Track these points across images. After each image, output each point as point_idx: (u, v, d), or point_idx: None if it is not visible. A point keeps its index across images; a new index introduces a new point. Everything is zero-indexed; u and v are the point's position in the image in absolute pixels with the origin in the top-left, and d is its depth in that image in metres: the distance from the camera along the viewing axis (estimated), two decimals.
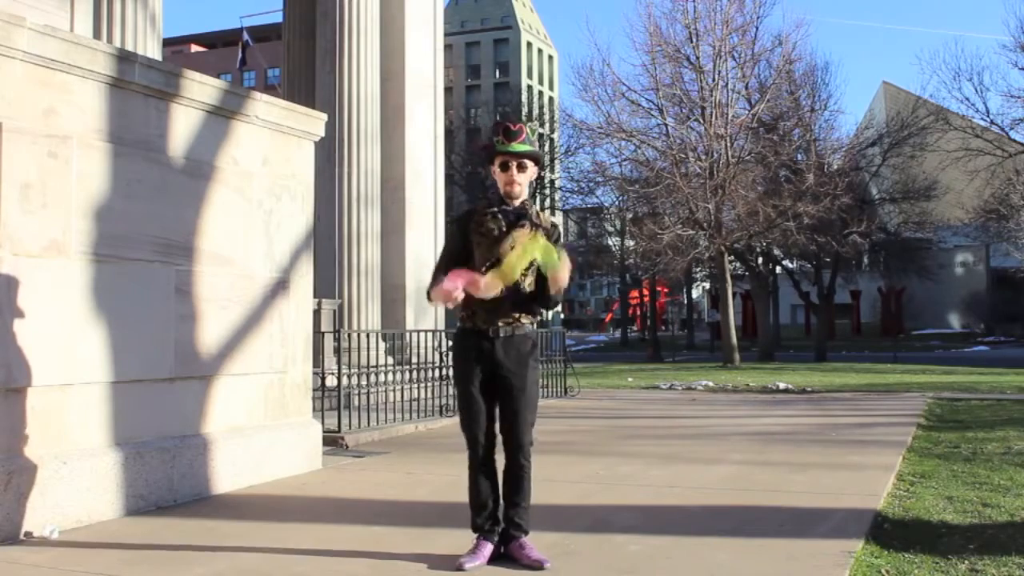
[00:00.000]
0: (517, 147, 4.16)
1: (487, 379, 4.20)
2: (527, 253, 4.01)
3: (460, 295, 4.01)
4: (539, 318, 4.47)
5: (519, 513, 4.22)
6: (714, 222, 27.33)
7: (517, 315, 4.20)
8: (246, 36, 39.88)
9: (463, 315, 4.24)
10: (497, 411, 4.25)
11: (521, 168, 4.18)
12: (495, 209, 4.20)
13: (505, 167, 4.17)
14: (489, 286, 4.02)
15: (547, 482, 5.73)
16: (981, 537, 4.74)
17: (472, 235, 4.20)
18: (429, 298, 4.20)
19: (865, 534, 4.76)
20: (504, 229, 4.15)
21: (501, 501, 4.25)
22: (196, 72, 6.11)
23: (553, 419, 10.39)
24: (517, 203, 4.20)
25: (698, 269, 41.62)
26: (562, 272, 4.02)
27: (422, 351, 10.53)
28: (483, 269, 4.10)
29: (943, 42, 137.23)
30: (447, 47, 25.76)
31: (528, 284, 4.19)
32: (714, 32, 28.37)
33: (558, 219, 55.86)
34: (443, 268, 4.21)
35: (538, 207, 4.36)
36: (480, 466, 4.22)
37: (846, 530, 4.85)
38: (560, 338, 14.83)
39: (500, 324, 4.17)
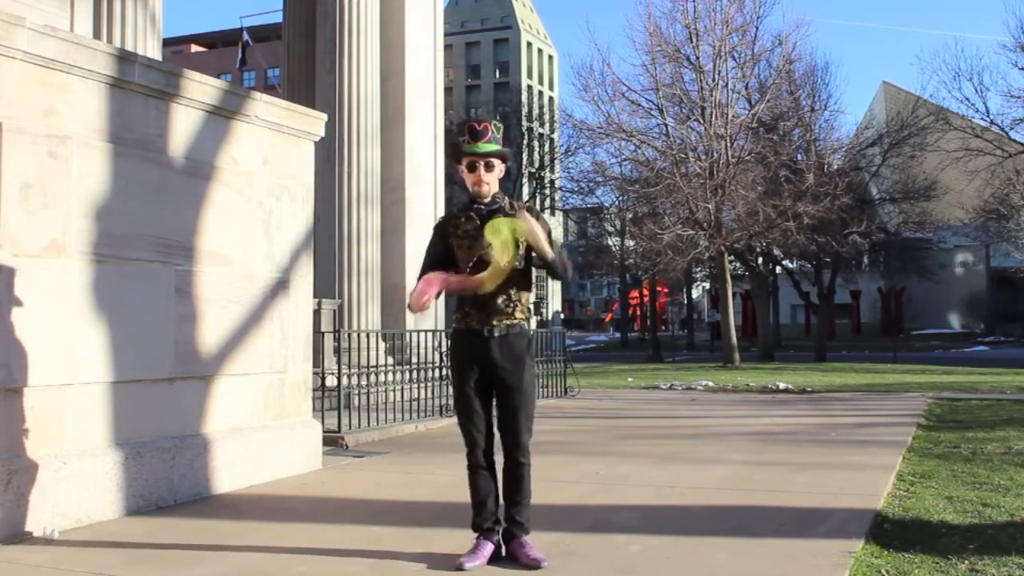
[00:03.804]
0: (483, 147, 4.20)
1: (484, 378, 4.21)
2: (500, 238, 4.00)
3: (430, 303, 4.02)
4: (539, 317, 4.47)
5: (520, 511, 4.22)
6: (714, 222, 27.32)
7: (511, 311, 4.20)
8: (246, 36, 39.87)
9: (457, 316, 4.27)
10: (495, 410, 4.26)
11: (488, 167, 4.23)
12: (469, 211, 4.25)
13: (472, 167, 4.22)
14: (486, 282, 4.04)
15: (547, 482, 5.73)
16: (981, 537, 4.74)
17: (452, 239, 4.24)
18: (411, 308, 4.16)
19: (865, 534, 4.76)
20: (479, 226, 4.18)
21: (502, 500, 4.26)
22: (196, 72, 6.11)
23: (553, 419, 10.39)
24: (488, 200, 4.24)
25: (698, 269, 41.60)
26: (537, 236, 4.03)
27: (422, 351, 10.53)
28: (468, 270, 4.15)
29: (943, 42, 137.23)
30: (447, 47, 25.74)
31: (512, 268, 4.15)
32: (714, 32, 28.36)
33: (558, 218, 55.93)
34: (424, 273, 4.24)
35: (510, 199, 4.34)
36: (479, 466, 4.23)
37: (846, 530, 4.85)
38: (560, 338, 14.82)
39: (495, 323, 4.18)
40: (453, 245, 4.24)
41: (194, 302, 5.94)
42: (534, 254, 4.18)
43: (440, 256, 4.26)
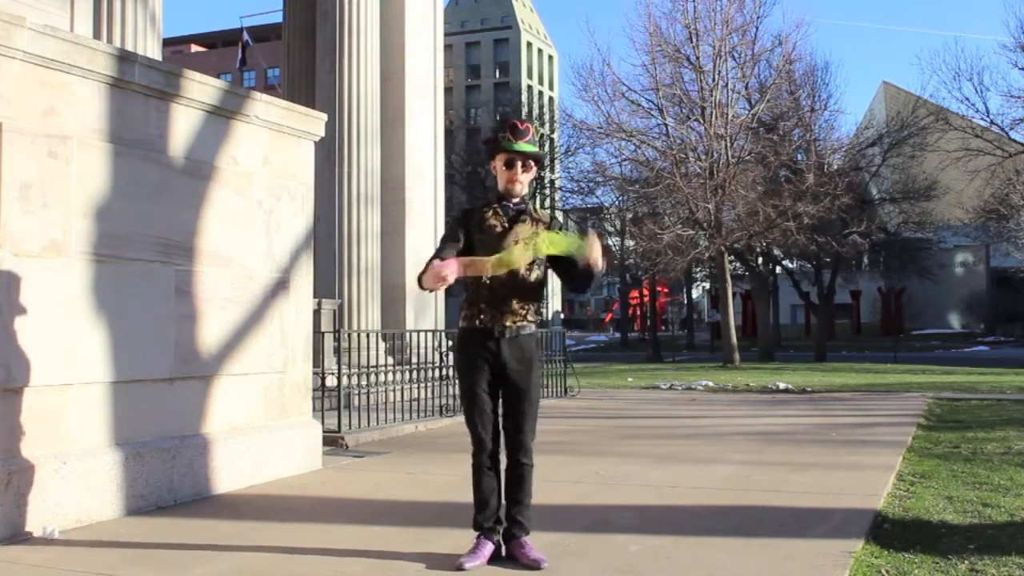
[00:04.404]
0: (524, 147, 4.17)
1: (492, 378, 4.19)
2: (530, 248, 4.00)
3: (451, 278, 3.96)
4: (539, 318, 4.46)
5: (521, 511, 4.21)
6: (714, 222, 27.32)
7: (524, 312, 4.19)
8: (246, 36, 39.89)
9: (466, 313, 4.22)
10: (500, 410, 4.25)
11: (525, 168, 4.21)
12: (496, 206, 4.21)
13: (510, 165, 4.19)
14: (495, 266, 4.00)
15: (547, 482, 5.72)
16: (981, 537, 4.74)
17: (474, 233, 4.19)
18: (420, 284, 4.13)
19: (865, 534, 4.76)
20: (506, 225, 4.17)
21: (503, 500, 4.25)
22: (196, 72, 6.11)
23: (553, 419, 10.39)
24: (516, 200, 4.22)
25: (698, 269, 41.59)
26: (593, 252, 4.01)
27: (422, 351, 10.53)
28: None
29: (943, 42, 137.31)
30: (447, 47, 25.74)
31: (535, 277, 4.20)
32: (714, 32, 28.37)
33: (559, 218, 55.86)
34: (438, 256, 4.22)
35: (536, 203, 4.35)
36: (485, 465, 4.20)
37: (846, 530, 4.85)
38: (560, 338, 14.83)
39: (507, 324, 4.16)
40: (475, 240, 4.17)
41: (194, 302, 5.94)
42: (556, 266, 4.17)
43: (454, 246, 4.18)
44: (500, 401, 4.25)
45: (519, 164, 4.18)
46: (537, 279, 4.22)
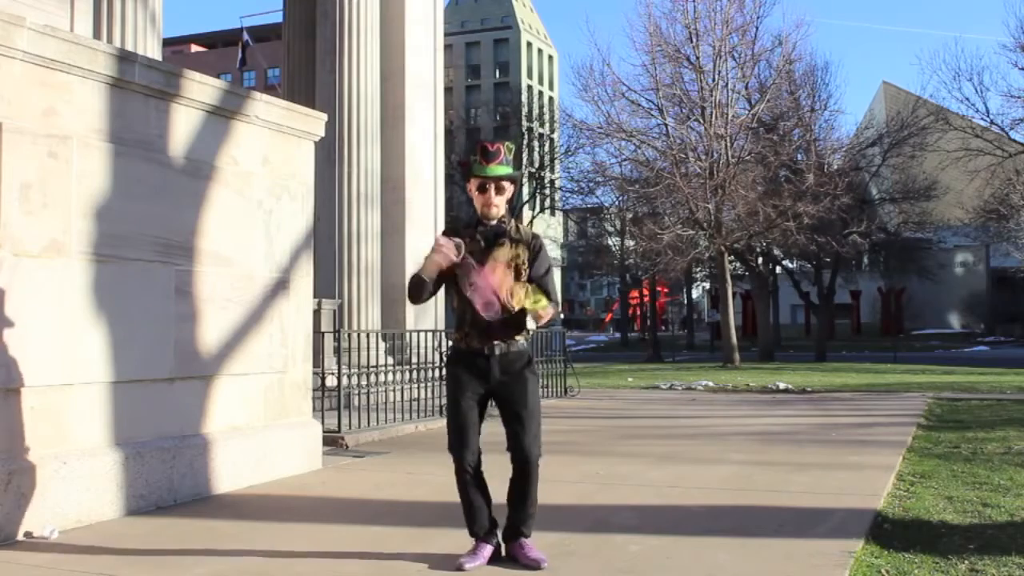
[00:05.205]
0: (495, 170, 4.18)
1: (483, 396, 4.20)
2: (530, 300, 4.04)
3: (451, 252, 4.01)
4: (530, 335, 4.44)
5: (524, 520, 4.22)
6: (714, 222, 27.32)
7: (511, 334, 4.20)
8: (246, 36, 39.88)
9: (457, 336, 4.25)
10: (501, 426, 4.24)
11: (499, 190, 4.22)
12: (472, 229, 4.21)
13: (483, 189, 4.20)
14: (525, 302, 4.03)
15: (547, 482, 5.68)
16: (981, 537, 4.74)
17: None
18: (416, 295, 4.16)
19: (865, 534, 4.76)
20: (483, 247, 4.16)
21: (505, 504, 4.24)
22: (196, 72, 6.11)
23: (553, 419, 10.39)
24: (494, 222, 4.22)
25: (698, 269, 41.59)
26: (545, 313, 4.05)
27: (422, 351, 10.53)
28: (468, 285, 4.12)
29: (943, 42, 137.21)
30: (447, 47, 25.72)
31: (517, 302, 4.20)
32: (714, 32, 28.35)
33: (558, 218, 55.92)
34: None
35: (516, 221, 4.34)
36: (469, 480, 4.22)
37: (846, 530, 4.86)
38: (560, 338, 14.82)
39: (496, 343, 4.16)
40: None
41: (194, 302, 5.94)
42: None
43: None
44: (499, 414, 4.24)
45: (492, 188, 4.19)
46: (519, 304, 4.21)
